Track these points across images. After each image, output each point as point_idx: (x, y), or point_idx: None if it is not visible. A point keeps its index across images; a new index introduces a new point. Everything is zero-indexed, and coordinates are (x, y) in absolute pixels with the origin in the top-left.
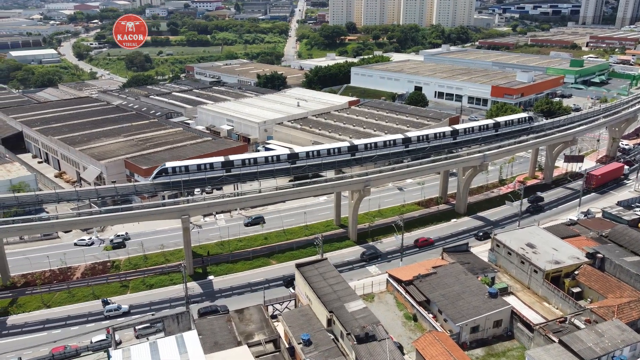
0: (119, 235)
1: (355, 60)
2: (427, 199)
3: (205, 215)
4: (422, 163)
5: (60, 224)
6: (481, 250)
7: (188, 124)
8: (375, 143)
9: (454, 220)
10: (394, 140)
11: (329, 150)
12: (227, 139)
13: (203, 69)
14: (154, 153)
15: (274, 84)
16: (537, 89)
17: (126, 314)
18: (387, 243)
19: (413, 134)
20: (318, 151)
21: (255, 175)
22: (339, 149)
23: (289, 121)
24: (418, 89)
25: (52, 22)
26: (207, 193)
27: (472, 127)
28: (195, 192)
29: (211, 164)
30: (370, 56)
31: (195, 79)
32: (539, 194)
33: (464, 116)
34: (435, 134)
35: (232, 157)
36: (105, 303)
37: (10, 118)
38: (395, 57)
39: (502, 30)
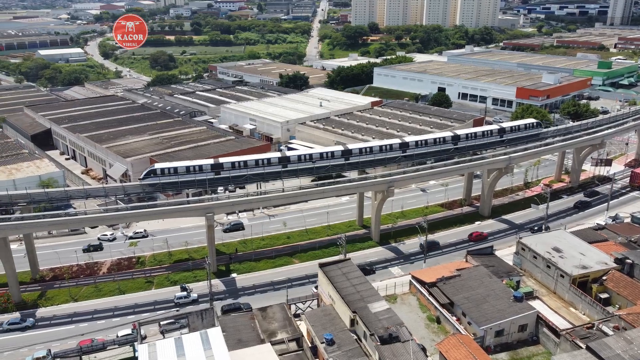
0: (137, 232)
1: (378, 60)
2: (450, 200)
3: (228, 214)
4: (446, 165)
5: (88, 219)
6: (505, 253)
7: (211, 122)
8: (371, 147)
9: (478, 222)
10: (391, 145)
11: (320, 154)
12: (250, 138)
13: (226, 69)
14: (178, 151)
15: (297, 83)
16: (563, 90)
17: (195, 301)
18: (410, 244)
19: (411, 139)
20: (310, 155)
21: (246, 178)
22: (332, 152)
23: (311, 121)
24: (441, 90)
25: (79, 21)
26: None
27: (475, 133)
28: (188, 193)
29: (200, 166)
30: (393, 57)
31: (218, 79)
32: (595, 189)
33: (489, 117)
34: (435, 139)
35: (221, 160)
36: (184, 289)
37: (40, 115)
38: (418, 57)
39: (527, 31)
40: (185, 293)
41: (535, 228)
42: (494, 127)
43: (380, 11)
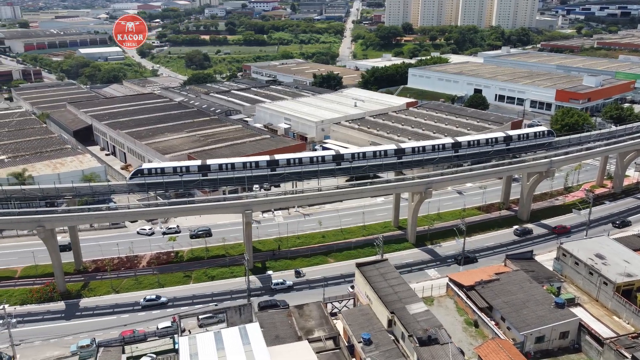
0: (170, 228)
1: (412, 61)
2: (488, 204)
3: (263, 212)
4: (485, 167)
5: (130, 213)
6: (545, 259)
7: (246, 121)
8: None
9: (516, 226)
10: (386, 151)
11: (310, 158)
12: (285, 137)
13: (259, 68)
14: (215, 149)
15: (330, 83)
16: (605, 94)
17: (290, 288)
18: (446, 247)
19: (407, 145)
20: (301, 159)
21: (232, 180)
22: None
23: (346, 121)
24: (478, 91)
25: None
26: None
27: (478, 140)
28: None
29: (187, 167)
30: (428, 57)
31: (252, 78)
32: None
33: (526, 120)
34: (433, 146)
35: (209, 161)
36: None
37: (81, 112)
38: (453, 58)
39: (565, 33)
40: (281, 280)
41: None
42: (499, 134)
43: (415, 11)
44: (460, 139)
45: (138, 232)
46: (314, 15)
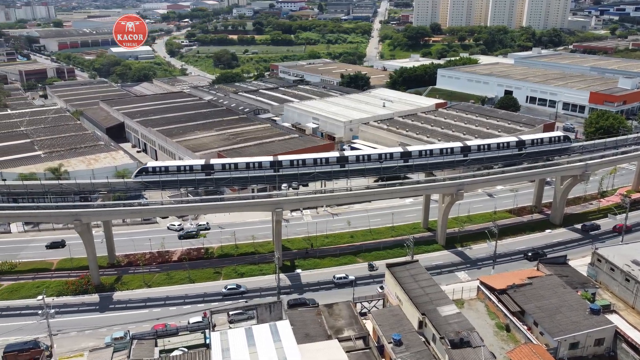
0: (200, 225)
1: (440, 61)
2: (519, 207)
3: (292, 211)
4: (518, 169)
5: (163, 209)
6: (579, 264)
7: (274, 120)
8: (483, 145)
9: (549, 230)
10: (392, 154)
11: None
12: (313, 136)
13: (287, 68)
14: (244, 147)
15: (358, 84)
16: None
17: (353, 282)
18: (477, 249)
19: (414, 148)
20: (304, 160)
21: (232, 180)
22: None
23: (375, 121)
24: (508, 93)
25: (147, 20)
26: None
27: (488, 145)
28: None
29: (191, 167)
30: (457, 58)
31: (280, 78)
32: None
33: (559, 123)
34: (441, 149)
35: (212, 161)
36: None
37: (114, 109)
38: (482, 59)
39: (599, 34)
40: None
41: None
42: (512, 139)
43: (443, 12)
44: (469, 142)
45: (168, 228)
46: (341, 15)
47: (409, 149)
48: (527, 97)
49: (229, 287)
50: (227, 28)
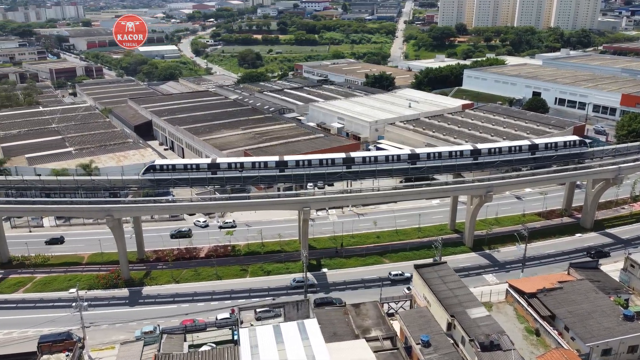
0: (226, 222)
1: (466, 62)
2: (548, 210)
3: (317, 210)
4: (549, 172)
5: (191, 206)
6: (611, 269)
7: (299, 120)
8: (376, 157)
9: (579, 234)
10: (399, 156)
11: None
12: (339, 136)
13: (311, 68)
14: (270, 146)
15: (382, 84)
16: None
17: (408, 279)
18: (505, 252)
19: (422, 150)
20: (310, 160)
21: (240, 179)
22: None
23: (401, 122)
24: (536, 94)
25: (173, 20)
26: (318, 188)
27: (500, 148)
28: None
29: (197, 165)
30: (483, 59)
31: (304, 77)
32: None
33: (589, 125)
34: (450, 152)
35: (219, 160)
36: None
37: (142, 107)
38: (509, 60)
39: (630, 34)
40: (400, 271)
41: None
42: (525, 142)
43: (469, 12)
44: (480, 146)
45: (194, 224)
46: (365, 15)
47: (417, 151)
48: (556, 98)
49: (296, 279)
50: (252, 28)
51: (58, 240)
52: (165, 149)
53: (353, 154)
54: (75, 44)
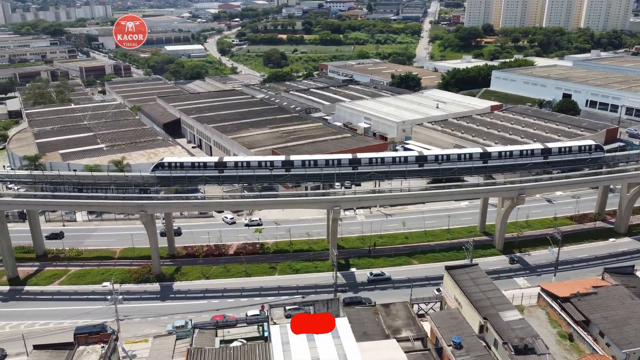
0: (253, 220)
1: (493, 63)
2: (580, 213)
3: (345, 209)
4: (582, 175)
5: (222, 203)
6: None
7: (326, 119)
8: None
9: (612, 239)
10: (407, 158)
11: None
12: (366, 136)
13: (336, 68)
14: (297, 145)
15: (409, 84)
16: None
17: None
18: (536, 256)
19: (430, 153)
20: (316, 161)
21: (246, 178)
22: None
23: (428, 122)
24: (567, 96)
25: (199, 20)
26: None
27: (510, 152)
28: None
29: (205, 163)
30: (512, 59)
31: (329, 77)
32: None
33: (622, 128)
34: (459, 154)
35: (225, 159)
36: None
37: (170, 106)
38: (538, 61)
39: None
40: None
41: None
42: (537, 146)
43: (496, 12)
44: (490, 149)
45: (223, 220)
46: (390, 15)
47: (425, 153)
48: (587, 100)
49: (373, 273)
50: (277, 27)
51: (58, 235)
52: (193, 147)
53: (359, 155)
54: (104, 42)
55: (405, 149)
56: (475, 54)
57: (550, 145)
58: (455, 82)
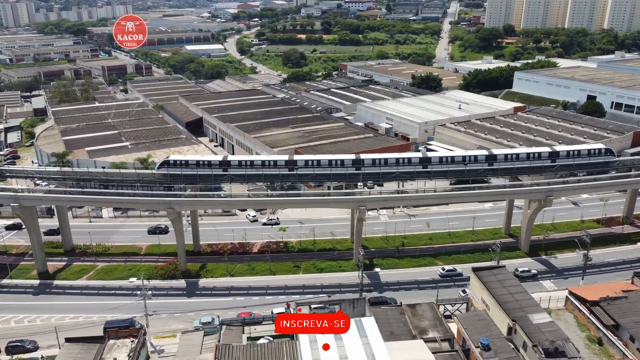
0: (270, 219)
1: (515, 64)
2: (607, 217)
3: (368, 210)
4: (611, 178)
5: (249, 202)
6: None
7: (347, 119)
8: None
9: None
10: (410, 159)
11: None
12: (388, 137)
13: (356, 68)
14: (320, 145)
15: (429, 85)
16: None
17: (534, 276)
18: (562, 259)
19: (434, 154)
20: (319, 161)
21: (247, 177)
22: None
23: (451, 123)
24: (591, 98)
25: (218, 19)
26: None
27: (517, 154)
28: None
29: (209, 162)
30: (534, 61)
31: (349, 77)
32: None
33: None
34: (463, 157)
35: (230, 157)
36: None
37: (193, 105)
38: (562, 63)
39: None
40: (527, 268)
41: None
42: (545, 149)
43: (517, 12)
44: (496, 151)
45: (246, 217)
46: (410, 15)
47: (429, 155)
48: (613, 102)
49: (446, 269)
50: (296, 27)
51: (55, 232)
52: (215, 146)
53: (363, 156)
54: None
55: (428, 150)
56: (496, 54)
57: (558, 148)
58: (477, 83)
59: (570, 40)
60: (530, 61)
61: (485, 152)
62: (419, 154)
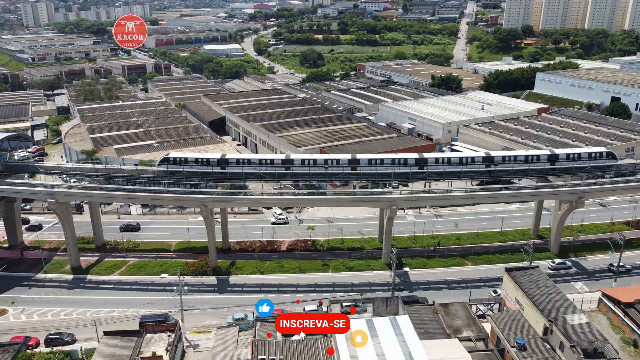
0: (280, 218)
1: (536, 65)
2: (638, 219)
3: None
4: None
5: (279, 200)
6: None
7: (369, 119)
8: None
9: None
10: (406, 159)
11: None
12: (412, 137)
13: (374, 68)
14: (344, 145)
15: (449, 85)
16: None
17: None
18: (593, 261)
19: (434, 155)
20: (315, 160)
21: (244, 175)
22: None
23: (475, 124)
24: (615, 99)
25: (235, 19)
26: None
27: (515, 157)
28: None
29: (208, 160)
30: (556, 62)
31: (367, 77)
32: None
33: None
34: (460, 158)
35: (228, 156)
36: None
37: (215, 104)
38: (583, 64)
39: None
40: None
41: None
42: (544, 152)
43: (536, 13)
44: (493, 153)
45: (273, 215)
46: (427, 16)
47: (425, 155)
48: (638, 104)
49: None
50: (312, 27)
51: (36, 227)
52: (238, 145)
53: (359, 155)
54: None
55: (453, 151)
56: (514, 55)
57: (557, 151)
58: (498, 84)
59: (590, 41)
60: (552, 62)
61: (482, 154)
62: (415, 155)
